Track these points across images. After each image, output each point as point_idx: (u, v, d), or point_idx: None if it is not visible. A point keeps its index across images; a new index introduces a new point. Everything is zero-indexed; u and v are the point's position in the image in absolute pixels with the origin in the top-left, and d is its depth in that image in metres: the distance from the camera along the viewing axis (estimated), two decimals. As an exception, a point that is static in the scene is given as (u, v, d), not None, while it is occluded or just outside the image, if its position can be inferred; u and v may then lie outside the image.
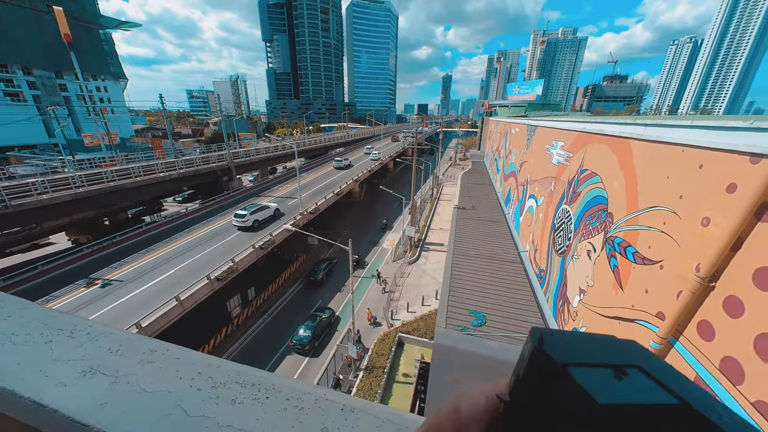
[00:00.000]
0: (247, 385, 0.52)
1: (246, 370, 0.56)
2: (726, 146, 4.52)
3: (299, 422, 0.45)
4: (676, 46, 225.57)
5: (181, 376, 0.52)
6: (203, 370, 0.54)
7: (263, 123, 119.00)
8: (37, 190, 19.86)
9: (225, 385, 0.51)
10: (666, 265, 5.34)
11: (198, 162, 32.00)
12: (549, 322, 10.97)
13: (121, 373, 0.51)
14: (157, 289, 15.02)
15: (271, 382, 0.52)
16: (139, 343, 0.60)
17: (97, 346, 0.56)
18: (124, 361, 0.54)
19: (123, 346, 0.57)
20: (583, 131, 9.88)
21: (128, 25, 70.14)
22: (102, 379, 0.50)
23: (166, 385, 0.50)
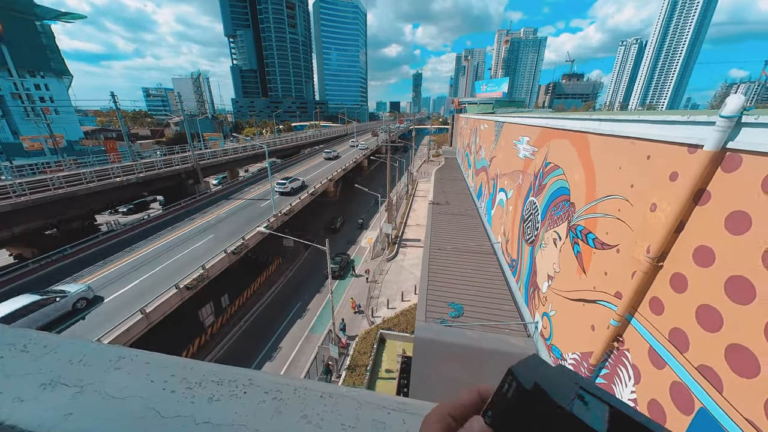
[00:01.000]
0: (224, 383, 0.51)
1: (222, 368, 0.55)
2: (668, 138, 5.00)
3: (278, 412, 0.46)
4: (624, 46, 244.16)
5: (152, 380, 0.50)
6: (177, 372, 0.52)
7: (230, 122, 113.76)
8: (-33, 200, 17.64)
9: (200, 384, 0.50)
10: (621, 248, 5.82)
11: (159, 165, 29.98)
12: (521, 308, 11.56)
13: (86, 383, 0.48)
14: (119, 303, 13.95)
15: (249, 378, 0.52)
16: (105, 351, 0.57)
17: (57, 358, 0.53)
18: (88, 370, 0.51)
19: (87, 356, 0.54)
20: (546, 127, 10.46)
21: (70, 16, 63.82)
22: (64, 390, 0.47)
23: (137, 390, 0.48)
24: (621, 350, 5.71)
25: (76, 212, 24.75)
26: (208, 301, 19.46)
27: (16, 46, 51.89)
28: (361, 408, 0.46)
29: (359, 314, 20.29)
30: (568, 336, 7.75)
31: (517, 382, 0.29)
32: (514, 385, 0.29)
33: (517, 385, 0.29)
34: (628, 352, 5.55)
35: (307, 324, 20.23)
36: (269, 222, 22.59)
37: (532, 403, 0.28)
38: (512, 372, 0.30)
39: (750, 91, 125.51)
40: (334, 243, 28.19)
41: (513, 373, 0.30)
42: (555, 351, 8.29)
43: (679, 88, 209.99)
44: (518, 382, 0.29)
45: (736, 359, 3.66)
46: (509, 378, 0.30)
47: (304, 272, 26.57)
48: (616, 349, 5.85)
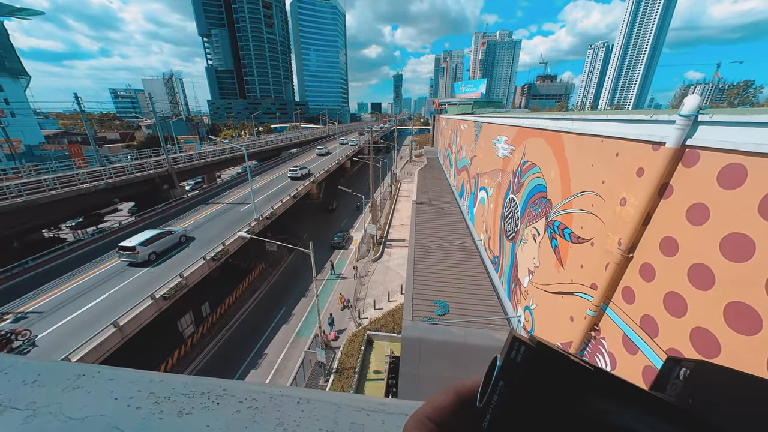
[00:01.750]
0: (195, 395, 0.48)
1: (193, 380, 0.53)
2: (634, 136, 5.28)
3: (254, 422, 0.44)
4: (593, 49, 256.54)
5: (116, 397, 0.47)
6: (143, 387, 0.49)
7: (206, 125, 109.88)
8: None
9: (169, 398, 0.47)
10: (596, 242, 6.09)
11: (130, 169, 28.50)
12: (504, 302, 11.86)
13: (39, 405, 0.44)
14: (90, 316, 13.12)
15: (222, 388, 0.49)
16: (63, 369, 0.53)
17: (6, 380, 0.48)
18: (42, 391, 0.47)
19: (41, 376, 0.50)
20: (523, 126, 10.80)
21: (26, 12, 59.55)
22: (14, 414, 0.42)
23: (98, 408, 0.44)
24: (598, 339, 5.98)
25: (38, 222, 23.10)
26: (188, 310, 18.68)
27: (-36, 44, 47.74)
28: (339, 411, 0.45)
29: (348, 309, 20.69)
30: (549, 328, 8.02)
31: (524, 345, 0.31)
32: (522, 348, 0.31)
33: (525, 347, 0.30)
34: (604, 340, 5.82)
35: (293, 329, 19.85)
36: (250, 226, 21.99)
37: (541, 357, 0.30)
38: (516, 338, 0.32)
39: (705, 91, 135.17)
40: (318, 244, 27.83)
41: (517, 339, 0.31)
42: (537, 343, 8.56)
43: (644, 88, 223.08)
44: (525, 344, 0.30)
45: (700, 341, 3.92)
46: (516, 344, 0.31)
47: (289, 276, 26.07)
48: (593, 338, 6.12)
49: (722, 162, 3.79)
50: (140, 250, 16.11)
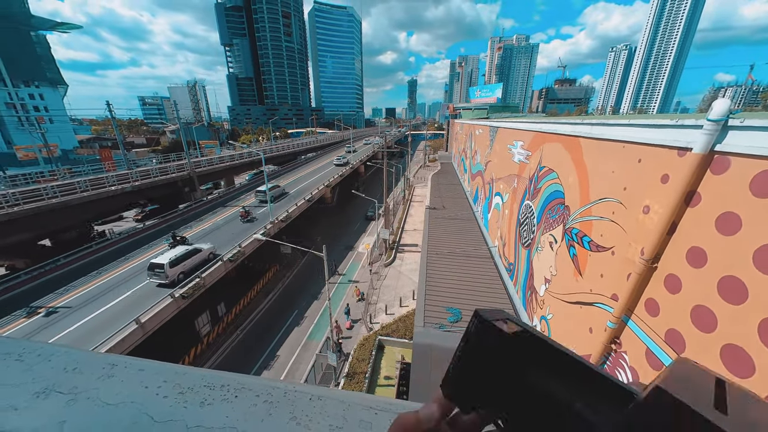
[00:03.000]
0: (216, 388, 0.52)
1: (214, 374, 0.56)
2: (659, 142, 5.09)
3: (269, 414, 0.47)
4: (614, 52, 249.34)
5: (146, 386, 0.51)
6: (169, 378, 0.53)
7: (226, 130, 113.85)
8: (-41, 211, 17.43)
9: (192, 389, 0.51)
10: (616, 250, 5.87)
11: (155, 173, 29.87)
12: (519, 311, 11.55)
13: (79, 390, 0.49)
14: (114, 313, 13.75)
15: (240, 383, 0.53)
16: (99, 359, 0.58)
17: (50, 366, 0.53)
18: (82, 378, 0.52)
19: (80, 364, 0.55)
20: (540, 131, 10.60)
21: (65, 26, 64.07)
22: (58, 398, 0.47)
23: (130, 396, 0.49)
24: (619, 352, 5.72)
25: (70, 222, 24.51)
26: (205, 310, 19.23)
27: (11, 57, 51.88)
28: (348, 409, 0.48)
29: (362, 301, 21.93)
30: (567, 339, 7.75)
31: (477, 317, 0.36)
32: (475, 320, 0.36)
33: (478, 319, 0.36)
34: (625, 354, 5.57)
35: (305, 331, 20.03)
36: (266, 229, 22.50)
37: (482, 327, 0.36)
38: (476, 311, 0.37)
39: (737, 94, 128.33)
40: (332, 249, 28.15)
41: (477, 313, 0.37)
42: (554, 354, 8.27)
43: (669, 92, 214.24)
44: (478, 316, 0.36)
45: (732, 359, 3.69)
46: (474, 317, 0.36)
47: (302, 279, 26.40)
48: (614, 352, 5.86)
49: (756, 169, 3.59)
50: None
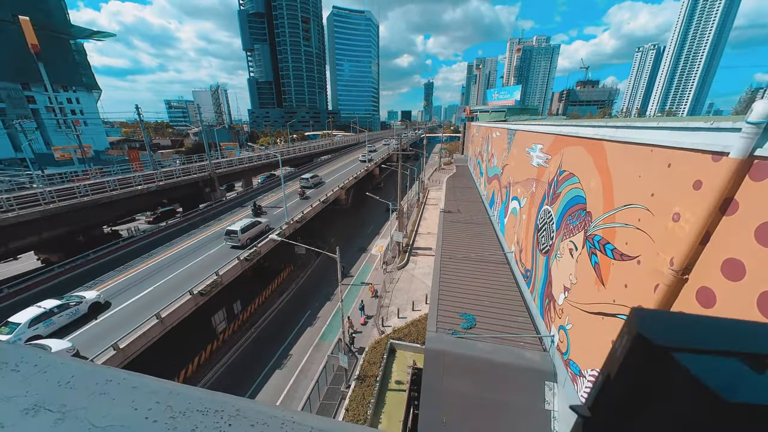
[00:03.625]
0: (209, 413, 0.48)
1: (208, 396, 0.53)
2: (690, 146, 4.78)
3: (262, 450, 0.43)
4: (641, 52, 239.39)
5: (136, 407, 0.48)
6: (162, 399, 0.50)
7: (246, 132, 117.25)
8: (1, 208, 18.71)
9: (184, 414, 0.48)
10: (643, 260, 5.55)
11: (178, 173, 31.08)
12: (536, 320, 11.16)
13: (68, 409, 0.47)
14: (136, 308, 14.33)
15: (236, 408, 0.49)
16: (94, 373, 0.55)
17: (45, 379, 0.52)
18: (73, 394, 0.50)
19: (75, 378, 0.53)
20: (560, 134, 10.25)
21: (101, 35, 68.04)
22: (47, 416, 0.45)
23: (119, 418, 0.46)
24: (644, 368, 5.40)
25: (100, 219, 25.84)
26: (221, 307, 19.73)
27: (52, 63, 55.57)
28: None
29: (376, 297, 22.39)
30: (587, 351, 7.40)
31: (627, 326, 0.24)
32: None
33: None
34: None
35: (318, 332, 20.18)
36: (281, 229, 22.90)
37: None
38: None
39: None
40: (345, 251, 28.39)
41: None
42: (573, 367, 7.92)
43: (701, 93, 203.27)
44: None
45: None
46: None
47: (315, 280, 26.66)
48: (638, 367, 5.53)
49: (803, 176, 3.30)
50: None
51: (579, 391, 7.42)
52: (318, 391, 15.18)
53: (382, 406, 13.39)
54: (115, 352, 11.46)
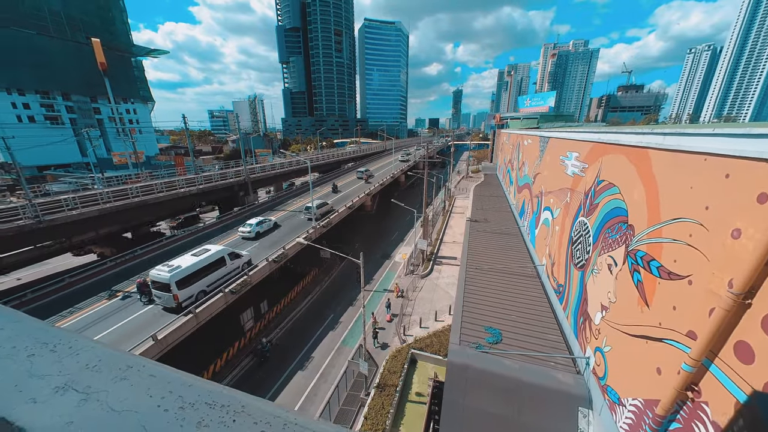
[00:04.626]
0: (216, 407, 0.49)
1: (218, 390, 0.54)
2: (754, 154, 4.28)
3: (261, 447, 0.43)
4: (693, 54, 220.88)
5: (151, 395, 0.50)
6: (175, 389, 0.52)
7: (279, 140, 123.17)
8: (68, 206, 21.05)
9: (193, 406, 0.49)
10: (695, 280, 5.00)
11: (216, 178, 33.22)
12: (569, 339, 10.42)
13: (92, 390, 0.50)
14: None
15: (241, 404, 0.49)
16: (118, 358, 0.59)
17: (76, 360, 0.56)
18: (98, 377, 0.53)
19: (101, 362, 0.57)
20: (599, 141, 9.66)
21: (157, 52, 75.41)
22: (73, 396, 0.48)
23: (135, 404, 0.48)
24: (697, 402, 4.81)
25: (148, 218, 28.22)
26: (249, 306, 20.54)
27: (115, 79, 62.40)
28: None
29: (401, 298, 22.93)
30: (628, 377, 6.75)
31: None
32: None
33: None
34: (706, 405, 4.65)
35: (339, 336, 20.31)
36: (308, 233, 23.55)
37: None
38: None
39: None
40: (369, 257, 28.56)
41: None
42: (611, 393, 7.26)
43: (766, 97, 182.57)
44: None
45: None
46: None
47: (339, 284, 26.98)
48: (690, 400, 4.94)
49: None
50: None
51: (618, 421, 6.78)
52: (338, 396, 15.20)
53: (402, 417, 13.11)
54: (153, 342, 12.30)
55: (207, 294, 15.44)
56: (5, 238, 18.34)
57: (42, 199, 21.90)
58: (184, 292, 14.35)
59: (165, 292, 14.03)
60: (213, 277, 16.08)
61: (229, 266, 17.27)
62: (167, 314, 14.28)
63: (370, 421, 12.33)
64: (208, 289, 15.73)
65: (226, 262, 17.04)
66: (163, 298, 14.19)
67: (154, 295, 14.50)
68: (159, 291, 14.23)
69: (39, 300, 15.64)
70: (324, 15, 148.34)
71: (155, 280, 14.09)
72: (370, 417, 12.50)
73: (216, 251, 16.56)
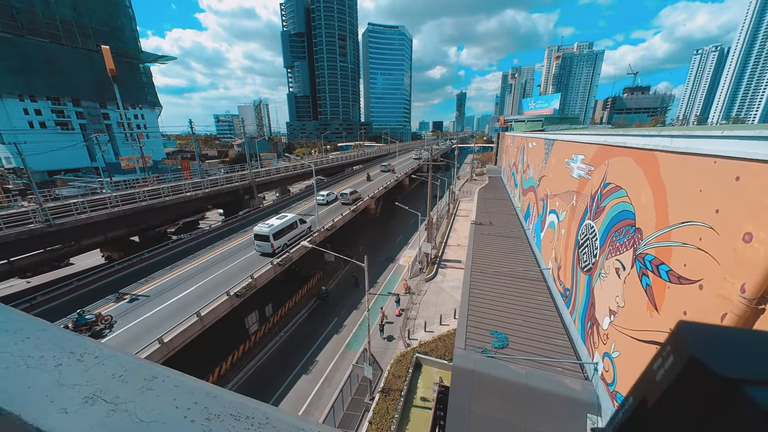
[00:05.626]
0: (241, 418, 0.50)
1: (242, 401, 0.55)
2: (764, 156, 4.22)
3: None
4: (700, 55, 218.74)
5: (177, 406, 0.51)
6: (200, 400, 0.53)
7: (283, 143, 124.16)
8: (77, 210, 21.41)
9: (219, 417, 0.50)
10: (705, 284, 4.92)
11: (222, 181, 33.55)
12: (577, 344, 10.28)
13: (120, 401, 0.51)
14: (180, 305, 15.45)
15: (266, 416, 0.50)
16: (143, 368, 0.60)
17: (103, 370, 0.57)
18: (125, 387, 0.54)
19: (127, 372, 0.58)
20: (605, 144, 9.59)
21: (165, 58, 76.71)
22: (102, 406, 0.50)
23: (162, 415, 0.49)
24: (709, 410, 4.70)
25: (154, 222, 28.57)
26: (254, 309, 20.61)
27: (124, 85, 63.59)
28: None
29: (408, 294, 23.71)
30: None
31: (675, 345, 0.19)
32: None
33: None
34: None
35: (344, 340, 20.26)
36: (313, 236, 23.62)
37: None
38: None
39: None
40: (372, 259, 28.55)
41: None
42: (620, 400, 7.12)
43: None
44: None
45: None
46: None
47: (343, 287, 26.97)
48: (702, 408, 4.83)
49: None
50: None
51: (628, 428, 6.64)
52: (342, 400, 15.13)
53: (407, 422, 12.99)
54: (160, 344, 12.39)
55: (288, 246, 20.51)
56: (18, 241, 18.70)
57: (52, 203, 22.30)
58: (277, 242, 19.71)
59: (265, 242, 19.12)
60: (291, 235, 21.23)
61: (300, 227, 22.32)
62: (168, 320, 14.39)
63: (375, 426, 12.24)
64: (289, 243, 20.95)
65: (298, 225, 22.12)
66: (263, 246, 19.32)
67: (255, 245, 19.82)
68: (260, 241, 19.37)
69: (49, 302, 15.88)
70: (328, 20, 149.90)
71: (258, 234, 19.32)
72: (375, 422, 12.41)
73: (292, 216, 22.08)
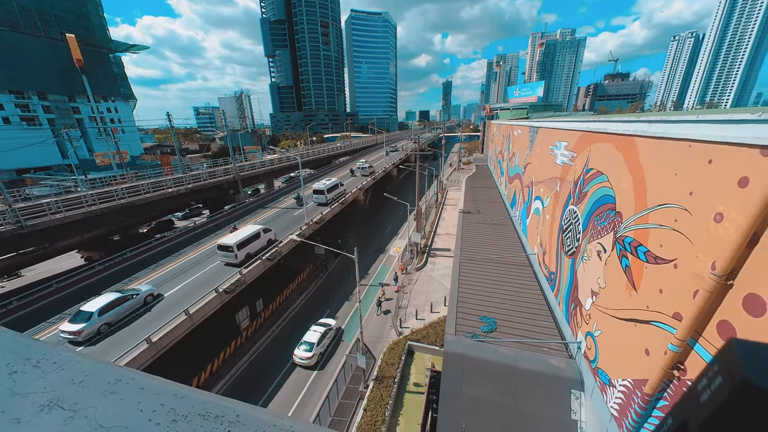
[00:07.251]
0: (210, 418, 0.48)
1: (213, 400, 0.53)
2: (735, 139, 4.40)
3: (258, 459, 0.42)
4: (677, 41, 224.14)
5: (141, 409, 0.49)
6: (167, 402, 0.50)
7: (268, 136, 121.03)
8: (50, 209, 20.38)
9: (186, 418, 0.48)
10: (680, 263, 5.17)
11: (204, 176, 32.54)
12: (561, 325, 10.69)
13: (79, 407, 0.48)
14: (168, 304, 15.12)
15: (236, 414, 0.48)
16: (106, 372, 0.57)
17: (62, 376, 0.54)
18: (85, 392, 0.51)
19: (88, 376, 0.55)
20: (587, 131, 9.78)
21: (137, 48, 72.62)
22: (59, 414, 0.47)
23: (125, 419, 0.47)
24: (683, 380, 5.01)
25: (135, 220, 27.56)
26: (244, 305, 20.41)
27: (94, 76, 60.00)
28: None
29: (405, 274, 24.43)
30: (618, 359, 6.98)
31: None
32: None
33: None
34: (692, 383, 4.85)
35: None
36: (301, 230, 23.38)
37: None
38: None
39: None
40: (363, 252, 28.62)
41: None
42: (602, 375, 7.51)
43: (747, 83, 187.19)
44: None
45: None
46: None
47: (334, 280, 26.99)
48: (676, 379, 5.14)
49: None
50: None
51: (608, 401, 7.02)
52: (337, 390, 15.33)
53: (400, 408, 13.32)
54: (148, 345, 12.15)
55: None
56: (-14, 245, 17.71)
57: (23, 204, 21.14)
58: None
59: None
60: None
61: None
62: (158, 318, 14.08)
63: (370, 413, 12.50)
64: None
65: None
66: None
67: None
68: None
69: (26, 308, 15.23)
70: (309, 6, 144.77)
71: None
72: (370, 409, 12.67)
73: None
